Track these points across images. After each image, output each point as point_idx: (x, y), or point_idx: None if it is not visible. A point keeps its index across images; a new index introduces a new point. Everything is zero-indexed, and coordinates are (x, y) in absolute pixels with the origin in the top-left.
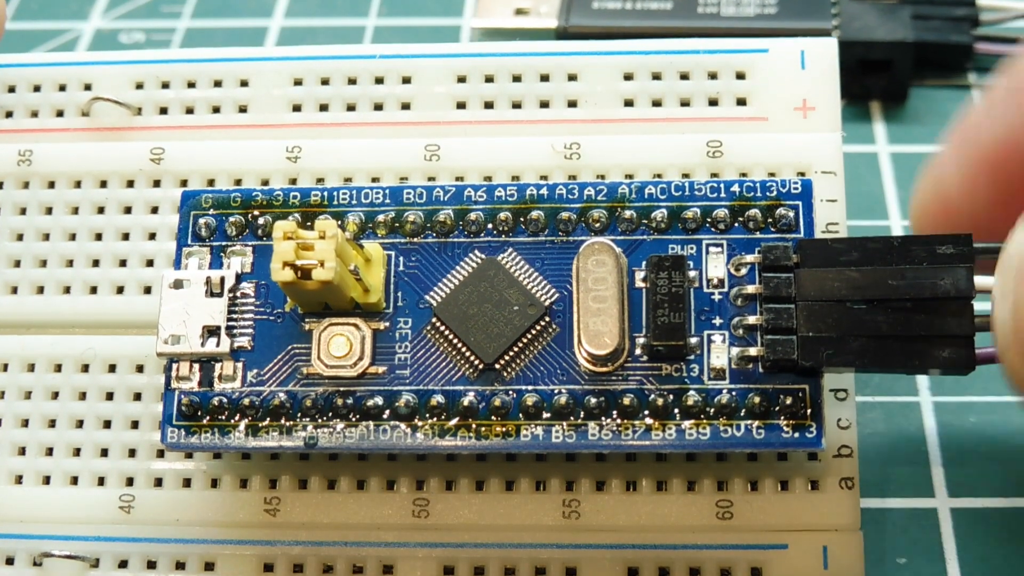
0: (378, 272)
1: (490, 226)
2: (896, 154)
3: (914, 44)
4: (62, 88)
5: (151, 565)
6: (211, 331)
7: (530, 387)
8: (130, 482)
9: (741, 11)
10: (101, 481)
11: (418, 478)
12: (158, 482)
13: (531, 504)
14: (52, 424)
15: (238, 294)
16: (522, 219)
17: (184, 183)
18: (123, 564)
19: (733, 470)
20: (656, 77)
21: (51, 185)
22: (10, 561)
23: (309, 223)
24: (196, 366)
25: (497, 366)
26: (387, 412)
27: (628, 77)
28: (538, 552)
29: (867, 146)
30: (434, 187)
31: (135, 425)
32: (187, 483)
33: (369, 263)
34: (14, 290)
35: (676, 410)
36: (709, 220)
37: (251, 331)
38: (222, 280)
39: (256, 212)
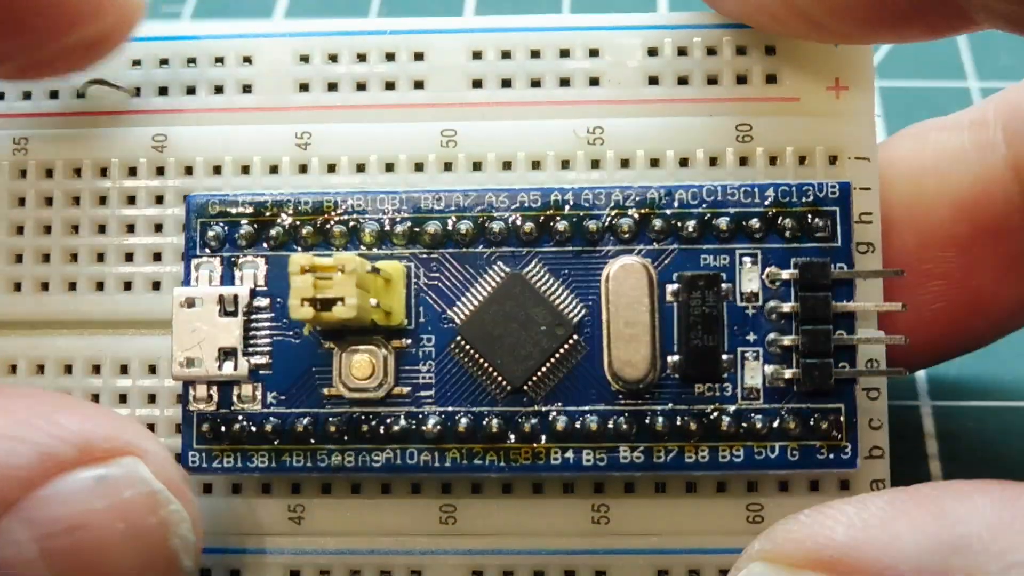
0: (399, 292)
1: (513, 236)
2: None
3: None
4: None
5: None
6: (227, 352)
7: (559, 408)
8: None
9: None
10: None
11: (444, 483)
12: None
13: (560, 510)
14: None
15: (253, 309)
16: (548, 227)
17: (189, 170)
18: None
19: (763, 473)
20: (682, 52)
21: (48, 174)
22: None
23: (324, 228)
24: (214, 387)
25: (525, 387)
26: (413, 436)
27: (652, 52)
28: (567, 558)
29: None
30: (454, 191)
31: (151, 429)
32: (207, 489)
33: (389, 284)
34: (17, 287)
35: (709, 432)
36: (743, 228)
37: (269, 349)
38: (235, 298)
39: (268, 215)
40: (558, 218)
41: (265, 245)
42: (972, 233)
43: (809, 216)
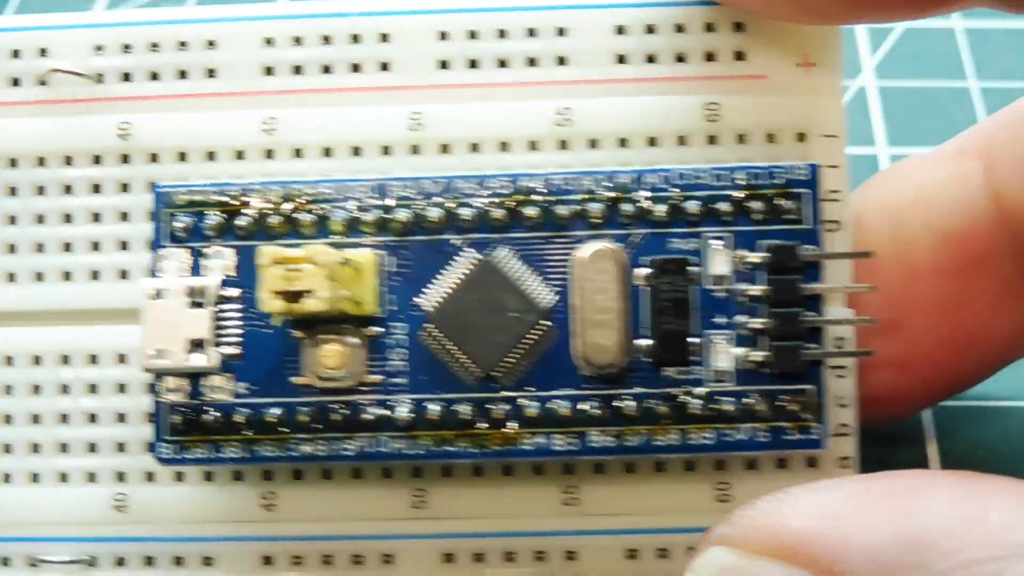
0: (369, 281)
1: (483, 222)
2: None
3: None
4: (15, 55)
5: (149, 561)
6: (197, 344)
7: (530, 394)
8: (121, 478)
9: None
10: (92, 478)
11: (415, 468)
12: (150, 477)
13: (530, 492)
14: (36, 420)
15: (222, 299)
16: (518, 213)
17: (154, 158)
18: (121, 562)
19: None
20: (650, 30)
21: (12, 164)
22: (6, 562)
23: (292, 218)
24: (185, 379)
25: (496, 374)
26: (385, 424)
27: (620, 31)
28: (538, 540)
29: None
30: (422, 178)
31: (122, 419)
32: (179, 477)
33: (359, 273)
34: None
35: (680, 415)
36: (712, 211)
37: (239, 340)
38: (205, 289)
39: (236, 204)
40: (528, 204)
41: (233, 235)
42: (959, 265)
43: (778, 198)
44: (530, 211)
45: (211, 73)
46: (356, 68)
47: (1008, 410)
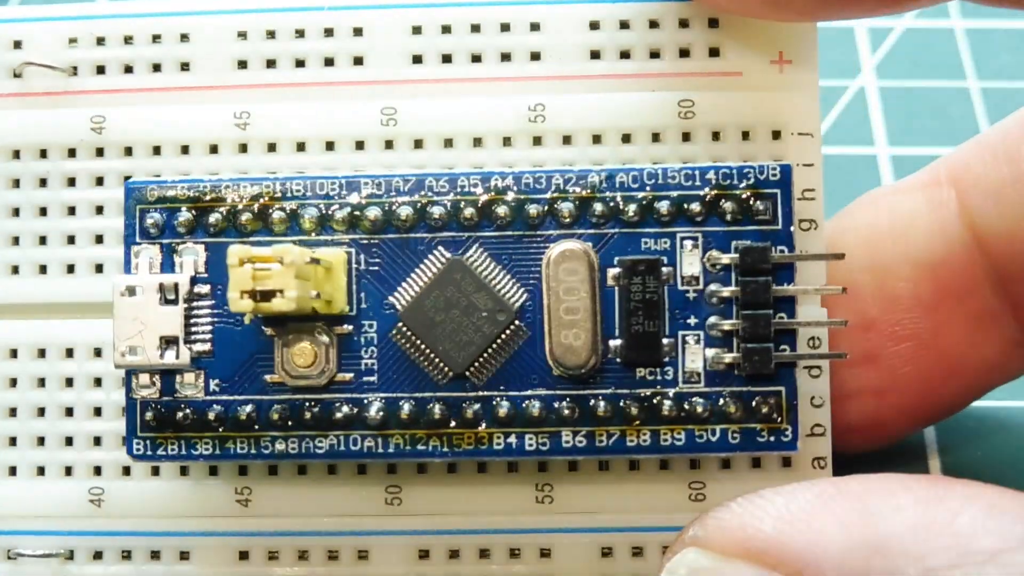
0: (339, 280)
1: (454, 221)
2: None
3: None
4: None
5: (126, 555)
6: (169, 341)
7: (501, 394)
8: (98, 472)
9: None
10: (68, 472)
11: (389, 465)
12: (126, 471)
13: (504, 489)
14: (12, 414)
15: (193, 296)
16: (488, 212)
17: (128, 151)
18: (98, 555)
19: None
20: (624, 26)
21: None
22: None
23: (263, 215)
24: (156, 375)
25: (467, 373)
26: (356, 422)
27: (594, 26)
28: (512, 537)
29: None
30: (393, 176)
31: (98, 412)
32: (156, 471)
33: (330, 272)
34: None
35: (651, 416)
36: (684, 211)
37: (210, 336)
38: (176, 286)
39: (207, 200)
40: (499, 202)
41: (204, 232)
42: (936, 294)
43: (750, 199)
44: (501, 210)
45: (184, 67)
46: (329, 62)
47: (1008, 410)
